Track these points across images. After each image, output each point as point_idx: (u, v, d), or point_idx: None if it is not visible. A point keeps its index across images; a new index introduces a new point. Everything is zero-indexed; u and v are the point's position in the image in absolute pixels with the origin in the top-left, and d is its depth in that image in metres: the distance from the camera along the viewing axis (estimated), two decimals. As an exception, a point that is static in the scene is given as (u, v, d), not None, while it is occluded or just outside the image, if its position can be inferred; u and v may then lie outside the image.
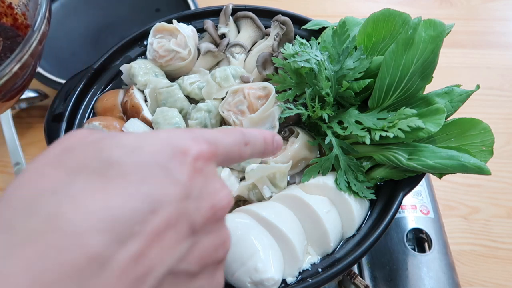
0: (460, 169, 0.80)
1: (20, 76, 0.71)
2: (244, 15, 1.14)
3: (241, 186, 0.92)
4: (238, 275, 0.80)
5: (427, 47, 0.82)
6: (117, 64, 1.13)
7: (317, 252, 0.87)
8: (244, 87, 0.98)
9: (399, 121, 0.83)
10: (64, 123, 1.00)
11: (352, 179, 0.89)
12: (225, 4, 1.15)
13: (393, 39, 0.90)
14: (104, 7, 1.61)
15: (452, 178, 0.97)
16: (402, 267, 1.08)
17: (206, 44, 1.10)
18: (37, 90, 1.47)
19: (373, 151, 0.89)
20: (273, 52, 1.05)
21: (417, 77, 0.85)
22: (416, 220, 1.15)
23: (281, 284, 0.82)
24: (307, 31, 1.10)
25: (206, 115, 0.99)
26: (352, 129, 0.88)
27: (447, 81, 0.96)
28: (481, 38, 1.68)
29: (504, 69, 1.58)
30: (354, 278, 0.93)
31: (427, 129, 0.81)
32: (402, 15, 0.89)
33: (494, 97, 1.51)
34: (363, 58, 0.91)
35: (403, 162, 0.83)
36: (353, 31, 0.97)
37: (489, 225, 1.26)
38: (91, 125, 0.98)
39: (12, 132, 1.37)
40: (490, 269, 1.19)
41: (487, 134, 0.86)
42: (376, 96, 0.89)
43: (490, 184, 1.32)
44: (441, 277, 1.06)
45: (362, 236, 0.87)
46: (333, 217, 0.88)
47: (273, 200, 0.91)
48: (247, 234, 0.83)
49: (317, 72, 0.91)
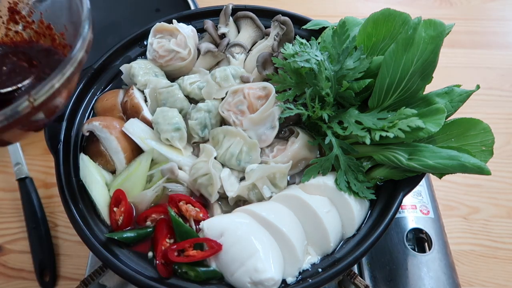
0: (460, 169, 0.80)
1: (61, 95, 0.68)
2: (244, 15, 1.14)
3: (241, 186, 0.92)
4: (238, 275, 0.80)
5: (427, 47, 0.82)
6: (117, 64, 1.13)
7: (317, 252, 0.87)
8: (244, 87, 0.98)
9: (399, 121, 0.83)
10: (64, 123, 1.00)
11: (352, 179, 0.89)
12: (225, 4, 1.15)
13: (393, 39, 0.90)
14: (104, 7, 1.61)
15: (452, 178, 0.97)
16: (402, 267, 1.08)
17: (206, 44, 1.10)
18: (37, 90, 1.47)
19: (373, 151, 0.89)
20: (273, 52, 1.05)
21: (417, 77, 0.85)
22: (416, 220, 1.15)
23: (281, 284, 0.82)
24: (307, 31, 1.10)
25: (206, 115, 0.99)
26: (352, 129, 0.88)
27: (447, 81, 0.96)
28: (481, 38, 1.68)
29: (504, 69, 1.58)
30: (354, 278, 0.93)
31: (427, 129, 0.81)
32: (402, 15, 0.89)
33: (494, 97, 1.51)
34: (363, 58, 0.91)
35: (403, 162, 0.83)
36: (353, 31, 0.97)
37: (489, 225, 1.26)
38: (91, 125, 0.98)
39: (12, 132, 1.38)
40: (490, 269, 1.19)
41: (487, 134, 0.86)
42: (376, 96, 0.89)
43: (490, 184, 1.32)
44: (441, 277, 1.06)
45: (362, 236, 0.87)
46: (333, 217, 0.88)
47: (273, 200, 0.91)
48: (247, 234, 0.83)
49: (317, 72, 0.91)
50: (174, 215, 0.87)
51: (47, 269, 1.18)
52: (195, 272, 0.82)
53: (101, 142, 0.97)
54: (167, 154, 0.96)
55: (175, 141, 0.97)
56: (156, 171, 0.95)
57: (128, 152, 0.98)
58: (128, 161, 0.98)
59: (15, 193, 1.30)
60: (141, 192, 0.93)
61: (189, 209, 0.90)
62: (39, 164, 1.38)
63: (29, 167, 1.33)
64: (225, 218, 0.88)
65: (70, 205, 0.90)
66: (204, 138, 1.00)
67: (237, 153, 0.94)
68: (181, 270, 0.84)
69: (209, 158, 0.92)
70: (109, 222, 0.92)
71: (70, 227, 0.92)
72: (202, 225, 0.86)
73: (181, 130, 0.98)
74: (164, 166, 0.93)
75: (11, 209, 1.30)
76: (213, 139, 0.98)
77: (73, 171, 0.97)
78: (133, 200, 0.93)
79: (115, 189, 0.93)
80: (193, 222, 0.90)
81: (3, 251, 1.23)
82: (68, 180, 0.94)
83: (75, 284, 0.93)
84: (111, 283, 1.06)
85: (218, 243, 0.82)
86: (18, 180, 1.30)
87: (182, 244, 0.84)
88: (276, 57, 1.01)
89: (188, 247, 0.84)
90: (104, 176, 0.97)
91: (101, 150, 0.98)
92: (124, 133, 0.98)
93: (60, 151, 0.96)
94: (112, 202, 0.92)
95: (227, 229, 0.83)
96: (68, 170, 0.96)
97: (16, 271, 1.20)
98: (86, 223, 0.90)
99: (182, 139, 0.98)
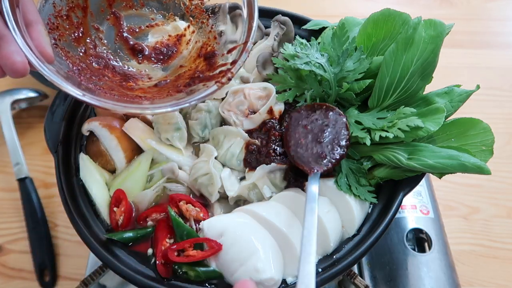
0: (460, 168, 0.80)
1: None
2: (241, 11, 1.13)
3: (242, 185, 0.92)
4: (238, 275, 0.80)
5: (427, 47, 0.82)
6: (117, 64, 1.12)
7: (317, 252, 0.87)
8: (245, 88, 0.98)
9: (398, 121, 0.83)
10: (64, 123, 1.00)
11: (354, 183, 0.88)
12: (223, 3, 1.15)
13: (393, 39, 0.90)
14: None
15: (452, 178, 0.97)
16: (402, 267, 1.08)
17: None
18: (37, 90, 1.47)
19: (373, 151, 0.89)
20: (273, 52, 1.05)
21: (417, 77, 0.85)
22: (416, 220, 1.15)
23: (281, 284, 0.82)
24: (307, 31, 1.10)
25: (206, 115, 0.99)
26: (352, 129, 0.88)
27: (447, 81, 0.96)
28: (481, 38, 1.68)
29: (504, 69, 1.58)
30: (354, 278, 0.93)
31: (426, 128, 0.81)
32: (402, 15, 0.89)
33: (494, 97, 1.51)
34: (363, 59, 0.91)
35: (403, 162, 0.83)
36: (353, 31, 0.97)
37: (489, 225, 1.26)
38: (91, 124, 0.98)
39: (12, 132, 1.38)
40: (490, 269, 1.19)
41: (487, 133, 0.86)
42: (376, 96, 0.89)
43: (490, 184, 1.32)
44: (441, 277, 1.06)
45: (362, 236, 0.87)
46: (333, 217, 0.88)
47: (273, 200, 0.91)
48: (247, 233, 0.83)
49: (317, 74, 0.91)
50: (174, 215, 0.87)
51: (47, 269, 1.18)
52: (195, 272, 0.82)
53: (101, 142, 0.97)
54: (167, 154, 0.97)
55: (175, 141, 0.97)
56: (156, 171, 0.95)
57: (128, 152, 0.98)
58: (128, 161, 0.98)
59: (15, 193, 1.30)
60: (141, 192, 0.93)
61: (189, 209, 0.90)
62: (39, 164, 1.38)
63: (29, 167, 1.33)
64: (225, 218, 0.88)
65: (70, 205, 0.90)
66: (204, 138, 1.00)
67: (237, 153, 0.94)
68: (181, 270, 0.84)
69: (210, 158, 0.92)
70: (109, 222, 0.92)
71: (70, 227, 0.92)
72: (202, 225, 0.86)
73: (181, 130, 0.98)
74: (165, 166, 0.93)
75: (11, 209, 1.31)
76: (213, 139, 0.98)
77: (73, 171, 0.97)
78: (133, 199, 0.93)
79: (115, 189, 0.93)
80: (193, 222, 0.90)
81: (3, 251, 1.23)
82: (68, 180, 0.94)
83: (75, 284, 0.93)
84: (111, 283, 1.06)
85: (218, 243, 0.82)
86: (18, 180, 1.30)
87: (182, 244, 0.84)
88: (276, 57, 1.01)
89: (188, 247, 0.84)
90: (104, 176, 0.97)
91: (101, 150, 0.98)
92: (124, 133, 0.98)
93: (60, 151, 0.96)
94: (112, 202, 0.92)
95: (227, 229, 0.83)
96: (68, 170, 0.96)
97: (16, 271, 1.20)
98: (86, 223, 0.90)
99: (182, 139, 0.98)
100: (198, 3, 0.94)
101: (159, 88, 0.85)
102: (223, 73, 0.81)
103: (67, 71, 0.77)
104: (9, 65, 0.64)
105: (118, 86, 0.83)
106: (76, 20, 0.85)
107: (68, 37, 0.83)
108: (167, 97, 0.81)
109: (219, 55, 0.87)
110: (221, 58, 0.87)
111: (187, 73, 0.87)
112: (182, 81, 0.85)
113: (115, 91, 0.81)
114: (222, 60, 0.85)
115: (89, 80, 0.79)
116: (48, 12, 0.80)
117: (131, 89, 0.84)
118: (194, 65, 0.88)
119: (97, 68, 0.85)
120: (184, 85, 0.83)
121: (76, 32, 0.84)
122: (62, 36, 0.81)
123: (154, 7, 0.94)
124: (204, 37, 0.93)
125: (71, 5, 0.84)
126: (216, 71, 0.83)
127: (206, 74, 0.84)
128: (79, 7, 0.85)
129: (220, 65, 0.84)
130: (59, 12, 0.82)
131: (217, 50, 0.88)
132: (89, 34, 0.87)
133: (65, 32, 0.82)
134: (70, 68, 0.78)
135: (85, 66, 0.82)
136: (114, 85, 0.83)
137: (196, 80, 0.83)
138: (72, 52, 0.82)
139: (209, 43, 0.91)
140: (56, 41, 0.80)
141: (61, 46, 0.80)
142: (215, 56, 0.87)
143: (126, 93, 0.82)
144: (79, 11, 0.86)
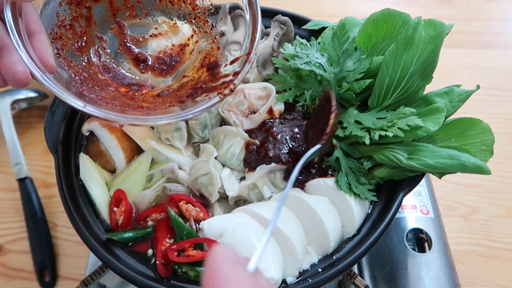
0: (460, 168, 0.80)
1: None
2: (242, 13, 1.14)
3: (242, 185, 0.92)
4: (238, 275, 0.80)
5: (427, 47, 0.82)
6: (117, 64, 1.12)
7: (317, 252, 0.87)
8: (245, 88, 0.98)
9: (398, 120, 0.83)
10: (64, 123, 1.00)
11: (354, 182, 0.88)
12: (223, 3, 1.15)
13: (393, 39, 0.90)
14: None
15: (452, 178, 0.97)
16: (402, 267, 1.08)
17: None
18: (37, 90, 1.47)
19: (373, 151, 0.89)
20: (273, 52, 1.05)
21: (417, 77, 0.85)
22: (416, 220, 1.15)
23: (281, 284, 0.82)
24: (307, 31, 1.10)
25: (206, 115, 0.99)
26: (351, 129, 0.88)
27: (447, 81, 0.96)
28: (481, 38, 1.68)
29: (504, 69, 1.58)
30: (354, 278, 0.93)
31: (426, 128, 0.81)
32: (402, 15, 0.89)
33: (494, 97, 1.51)
34: (363, 59, 0.91)
35: (403, 162, 0.83)
36: (353, 31, 0.97)
37: (489, 225, 1.26)
38: (91, 124, 0.98)
39: (12, 132, 1.37)
40: (490, 269, 1.19)
41: (487, 133, 0.86)
42: (376, 96, 0.89)
43: (490, 184, 1.32)
44: (441, 277, 1.06)
45: (362, 236, 0.87)
46: (333, 217, 0.88)
47: (273, 200, 0.91)
48: (247, 233, 0.83)
49: (317, 74, 0.91)
50: (174, 215, 0.87)
51: (47, 269, 1.18)
52: (195, 272, 0.82)
53: (101, 142, 0.97)
54: (167, 154, 0.97)
55: (175, 141, 0.97)
56: (156, 171, 0.95)
57: (128, 152, 0.98)
58: (128, 161, 0.98)
59: (15, 193, 1.30)
60: (141, 192, 0.93)
61: (189, 209, 0.90)
62: (39, 164, 1.38)
63: (29, 167, 1.33)
64: (225, 218, 0.88)
65: (70, 205, 0.90)
66: (204, 138, 1.00)
67: (237, 153, 0.94)
68: (181, 270, 0.84)
69: (210, 158, 0.92)
70: (109, 222, 0.92)
71: (70, 227, 0.92)
72: (202, 225, 0.86)
73: (181, 130, 0.98)
74: (165, 166, 0.93)
75: (11, 209, 1.31)
76: (213, 139, 0.98)
77: (73, 171, 0.97)
78: (133, 199, 0.93)
79: (115, 189, 0.93)
80: (193, 222, 0.90)
81: (3, 251, 1.23)
82: (68, 180, 0.94)
83: (75, 284, 0.93)
84: (111, 283, 1.06)
85: (218, 243, 0.82)
86: (18, 180, 1.30)
87: (182, 244, 0.84)
88: (276, 57, 1.01)
89: (188, 247, 0.84)
90: (104, 176, 0.97)
91: (101, 150, 0.98)
92: (124, 133, 0.98)
93: (60, 151, 0.96)
94: (113, 202, 0.92)
95: (227, 229, 0.83)
96: (68, 170, 0.96)
97: (16, 271, 1.20)
98: (86, 223, 0.90)
99: (182, 139, 0.98)
100: (202, 13, 0.93)
101: (162, 98, 0.84)
102: (225, 84, 0.80)
103: (69, 81, 0.76)
104: (11, 75, 0.64)
105: (121, 96, 0.83)
106: (79, 30, 0.85)
107: (71, 47, 0.83)
108: (169, 107, 0.80)
109: (222, 65, 0.87)
110: (223, 68, 0.86)
111: (189, 83, 0.87)
112: (184, 91, 0.84)
113: (117, 101, 0.80)
114: (225, 70, 0.85)
115: (91, 90, 0.79)
116: (51, 22, 0.79)
117: (133, 99, 0.83)
118: (197, 75, 0.88)
119: (100, 78, 0.84)
120: (187, 95, 0.83)
121: (80, 42, 0.84)
122: (65, 45, 0.81)
123: (158, 16, 0.94)
124: (207, 47, 0.92)
125: (75, 15, 0.83)
126: (219, 82, 0.82)
127: (208, 84, 0.83)
128: (83, 17, 0.85)
129: (223, 76, 0.83)
130: (63, 21, 0.81)
131: (220, 61, 0.88)
132: (92, 43, 0.87)
133: (68, 42, 0.82)
134: (72, 78, 0.78)
135: (88, 76, 0.82)
136: (116, 94, 0.83)
137: (199, 91, 0.82)
138: (75, 62, 0.82)
139: (212, 53, 0.91)
140: (59, 50, 0.79)
141: (64, 56, 0.80)
142: (218, 66, 0.87)
143: (128, 103, 0.81)
144: (83, 20, 0.85)
